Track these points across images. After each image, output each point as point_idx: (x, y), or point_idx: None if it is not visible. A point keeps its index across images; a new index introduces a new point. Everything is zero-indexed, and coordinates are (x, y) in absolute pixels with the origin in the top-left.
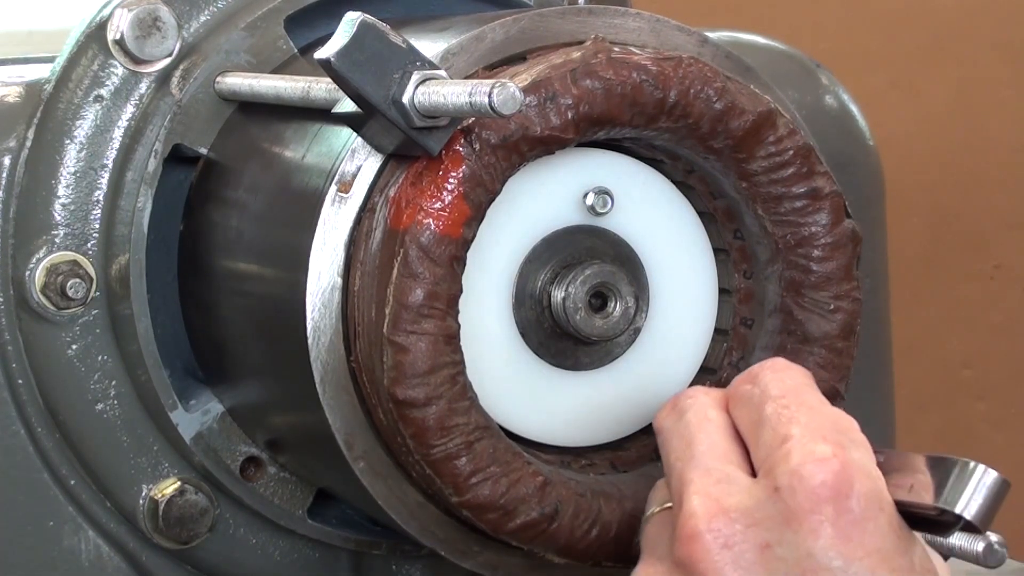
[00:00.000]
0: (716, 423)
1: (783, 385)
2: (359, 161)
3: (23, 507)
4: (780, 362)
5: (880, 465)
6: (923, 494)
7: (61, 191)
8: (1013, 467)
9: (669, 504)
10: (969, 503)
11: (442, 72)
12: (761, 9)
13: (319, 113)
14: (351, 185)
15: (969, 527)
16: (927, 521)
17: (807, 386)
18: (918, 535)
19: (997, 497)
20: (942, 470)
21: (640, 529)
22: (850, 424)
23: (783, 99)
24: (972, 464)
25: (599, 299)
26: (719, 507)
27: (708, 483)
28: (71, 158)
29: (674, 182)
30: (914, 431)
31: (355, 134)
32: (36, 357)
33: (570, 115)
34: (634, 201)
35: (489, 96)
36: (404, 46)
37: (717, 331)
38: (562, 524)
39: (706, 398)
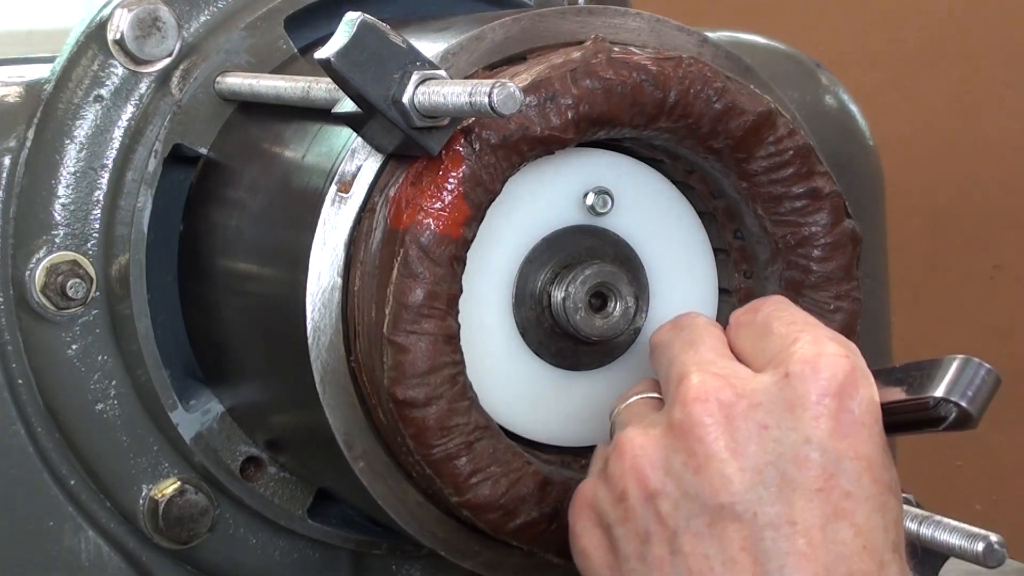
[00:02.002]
0: (718, 334)
1: (787, 311)
2: (359, 161)
3: (23, 507)
4: (782, 298)
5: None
6: (914, 390)
7: (61, 191)
8: (1013, 467)
9: (652, 394)
10: (957, 388)
11: (442, 72)
12: (761, 9)
13: (319, 113)
14: (351, 185)
15: (963, 415)
16: (921, 421)
17: (807, 314)
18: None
19: (989, 387)
20: (932, 368)
21: (611, 419)
22: (853, 344)
23: (783, 99)
24: (963, 357)
25: (599, 299)
26: (725, 382)
27: (712, 367)
28: (71, 158)
29: (674, 182)
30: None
31: (355, 134)
32: (36, 357)
33: (570, 115)
34: (634, 201)
35: (489, 96)
36: (404, 46)
37: None
38: (562, 524)
39: (706, 319)
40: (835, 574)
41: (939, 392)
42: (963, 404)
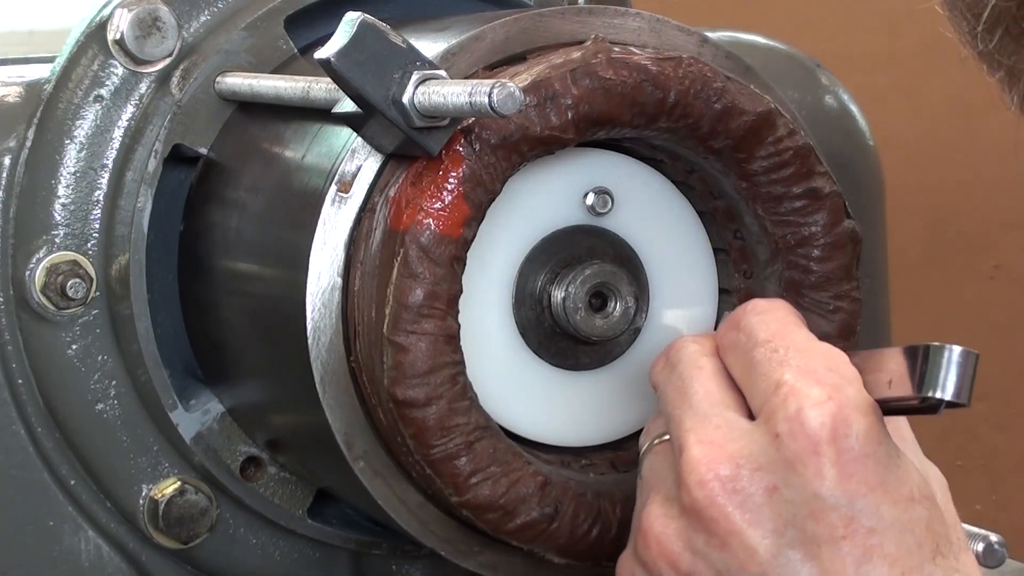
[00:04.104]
0: (708, 370)
1: (768, 328)
2: (359, 161)
3: (23, 507)
4: (760, 303)
5: (857, 367)
6: (902, 386)
7: (61, 191)
8: (1013, 467)
9: (667, 436)
10: (945, 384)
11: (442, 72)
12: (761, 9)
13: (319, 113)
14: (351, 185)
15: (952, 405)
16: (913, 410)
17: (792, 324)
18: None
19: (969, 369)
20: (914, 358)
21: (640, 461)
22: (839, 358)
23: (783, 99)
24: (938, 346)
25: (599, 299)
26: (723, 452)
27: (708, 429)
28: (71, 158)
29: (674, 182)
30: (914, 430)
31: (355, 134)
32: (36, 357)
33: (570, 115)
34: (634, 201)
35: (489, 96)
36: (404, 46)
37: None
38: (562, 524)
39: (695, 346)
40: None
41: (926, 392)
42: (957, 400)
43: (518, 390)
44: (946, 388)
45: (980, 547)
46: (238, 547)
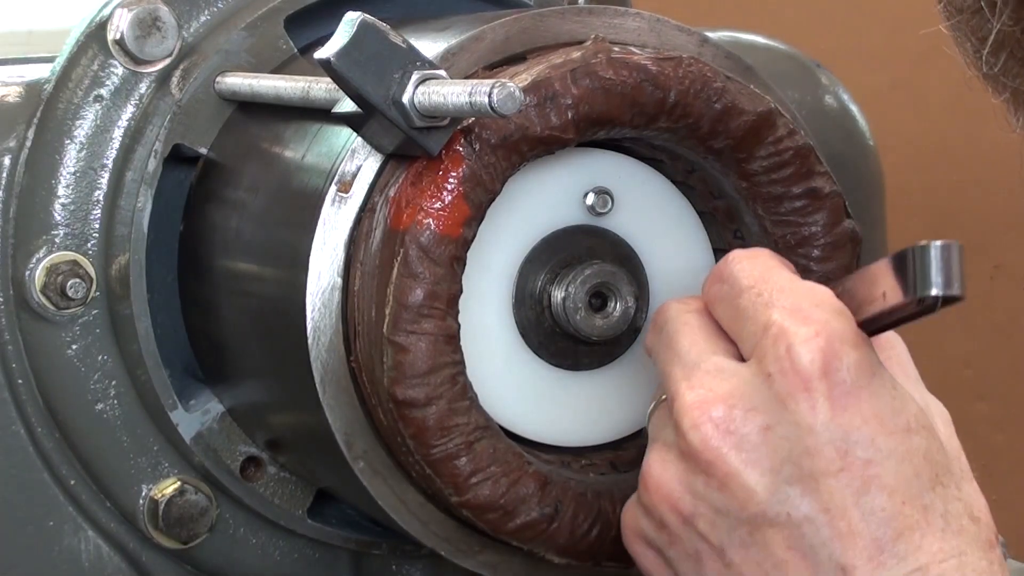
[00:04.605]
0: (694, 324)
1: (751, 274)
2: (359, 161)
3: (23, 507)
4: (740, 252)
5: (847, 291)
6: (895, 295)
7: (61, 191)
8: (1013, 467)
9: (665, 396)
10: (937, 279)
11: (442, 72)
12: (761, 9)
13: (319, 113)
14: (351, 185)
15: (949, 300)
16: (916, 314)
17: (774, 267)
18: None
19: (955, 261)
20: (902, 265)
21: (647, 420)
22: (825, 294)
23: (783, 99)
24: (922, 245)
25: (599, 299)
26: (714, 395)
27: (698, 375)
28: (71, 158)
29: (674, 182)
30: None
31: (355, 134)
32: (36, 357)
33: (570, 115)
34: (634, 201)
35: (489, 96)
36: (404, 46)
37: None
38: (562, 524)
39: (681, 305)
40: (884, 540)
41: (930, 291)
42: (950, 293)
43: (518, 390)
44: (938, 283)
45: None
46: (238, 547)
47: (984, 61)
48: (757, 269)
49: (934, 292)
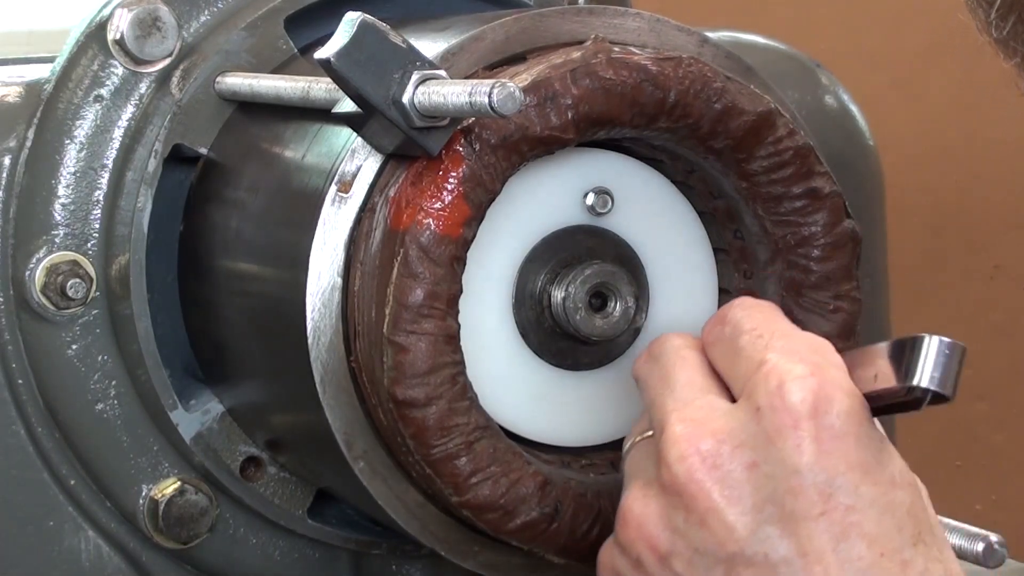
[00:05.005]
0: (691, 361)
1: (754, 319)
2: (359, 161)
3: (23, 507)
4: (746, 300)
5: (845, 363)
6: (887, 379)
7: (61, 191)
8: (1013, 467)
9: (650, 432)
10: (930, 374)
11: (442, 72)
12: (761, 9)
13: (319, 113)
14: (351, 185)
15: (937, 397)
16: (900, 404)
17: (777, 316)
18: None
19: (954, 361)
20: (900, 351)
21: (623, 459)
22: (824, 345)
23: (783, 99)
24: (923, 337)
25: (599, 299)
26: (704, 429)
27: (690, 410)
28: (71, 158)
29: (674, 182)
30: (914, 431)
31: (355, 134)
32: (36, 357)
33: (570, 115)
34: (634, 201)
35: (489, 96)
36: (404, 46)
37: None
38: (562, 524)
39: (680, 340)
40: None
41: (909, 382)
42: (933, 389)
43: (518, 390)
44: (933, 378)
45: (980, 547)
46: (238, 547)
47: (993, 26)
48: (761, 315)
49: (924, 384)
